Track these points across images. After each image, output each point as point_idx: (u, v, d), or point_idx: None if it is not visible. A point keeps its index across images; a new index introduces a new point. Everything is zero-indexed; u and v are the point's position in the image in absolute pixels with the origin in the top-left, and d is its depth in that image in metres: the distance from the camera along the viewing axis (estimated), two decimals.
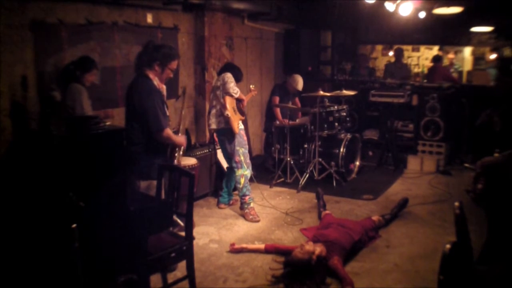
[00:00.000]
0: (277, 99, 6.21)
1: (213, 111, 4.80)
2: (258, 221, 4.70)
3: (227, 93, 4.68)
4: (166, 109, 3.54)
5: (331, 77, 8.54)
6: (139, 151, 3.40)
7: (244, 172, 4.80)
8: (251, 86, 5.30)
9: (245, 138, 4.89)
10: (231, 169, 4.98)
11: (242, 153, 4.79)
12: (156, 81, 3.47)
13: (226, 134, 4.77)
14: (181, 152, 3.83)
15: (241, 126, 4.86)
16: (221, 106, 4.69)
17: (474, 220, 2.87)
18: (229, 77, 4.71)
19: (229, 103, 4.69)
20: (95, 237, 2.48)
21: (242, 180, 4.79)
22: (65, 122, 2.70)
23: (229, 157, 4.90)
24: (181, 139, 3.68)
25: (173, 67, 3.53)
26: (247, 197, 4.81)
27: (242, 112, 4.93)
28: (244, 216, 4.77)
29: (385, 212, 4.69)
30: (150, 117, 3.34)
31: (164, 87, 3.59)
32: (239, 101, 4.86)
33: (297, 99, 6.54)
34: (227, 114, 4.64)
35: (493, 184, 3.09)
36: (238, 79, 4.84)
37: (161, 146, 3.51)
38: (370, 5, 6.52)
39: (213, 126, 4.82)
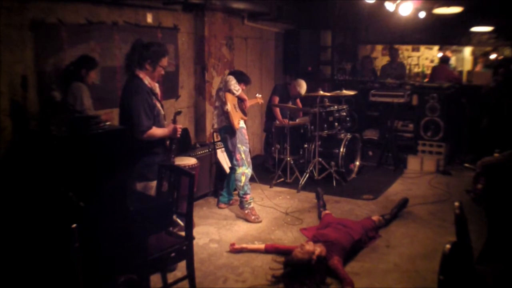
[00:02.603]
0: (276, 99, 6.21)
1: (216, 111, 4.87)
2: (260, 221, 4.70)
3: (229, 90, 4.73)
4: (160, 107, 3.52)
5: (331, 77, 8.54)
6: (134, 153, 3.37)
7: (245, 170, 4.80)
8: (258, 95, 5.38)
9: (247, 137, 4.90)
10: (233, 169, 4.99)
11: (243, 150, 4.80)
12: (147, 80, 3.45)
13: (228, 131, 4.79)
14: (173, 146, 3.68)
15: (243, 125, 4.87)
16: (222, 103, 4.72)
17: (474, 220, 2.88)
18: (230, 78, 4.79)
19: (230, 100, 4.72)
20: (95, 237, 2.48)
21: (243, 179, 4.78)
22: (65, 122, 2.69)
23: (231, 155, 4.90)
24: (160, 131, 3.50)
25: (164, 64, 3.51)
26: (248, 196, 4.80)
27: (244, 112, 4.94)
28: (245, 217, 4.75)
29: (385, 212, 4.69)
30: (134, 118, 3.33)
31: (157, 85, 3.57)
32: (241, 101, 4.87)
33: (298, 101, 6.54)
34: (227, 109, 4.67)
35: (493, 184, 3.09)
36: (246, 82, 4.97)
37: (155, 147, 3.50)
38: (370, 5, 6.53)
39: (216, 126, 4.87)
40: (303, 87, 6.22)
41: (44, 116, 3.93)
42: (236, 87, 4.74)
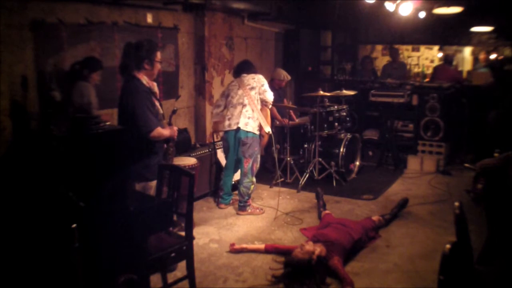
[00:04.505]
0: None
1: (242, 109, 4.69)
2: (264, 212, 4.87)
3: (267, 103, 4.72)
4: (159, 106, 3.53)
5: (331, 77, 8.54)
6: (132, 153, 3.38)
7: (254, 179, 4.89)
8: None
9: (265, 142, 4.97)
10: (230, 171, 5.02)
11: (258, 160, 4.86)
12: (145, 80, 3.45)
13: (249, 139, 4.72)
14: (171, 148, 3.71)
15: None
16: (258, 113, 4.69)
17: (474, 220, 2.88)
18: (266, 81, 4.76)
19: (269, 115, 4.79)
20: (95, 237, 2.48)
21: (252, 187, 4.87)
22: (65, 122, 2.70)
23: (237, 157, 4.88)
24: (167, 131, 3.55)
25: (158, 58, 3.53)
26: (250, 200, 4.92)
27: None
28: (251, 214, 4.84)
29: (385, 212, 4.69)
30: (140, 118, 3.33)
31: (155, 84, 3.58)
32: None
33: (285, 100, 6.53)
34: (269, 132, 4.71)
35: (492, 185, 3.10)
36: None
37: (154, 147, 3.50)
38: (370, 5, 6.52)
39: (240, 125, 4.67)
40: (281, 73, 6.19)
41: (44, 116, 3.94)
42: (272, 98, 4.74)
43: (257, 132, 4.74)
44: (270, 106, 4.80)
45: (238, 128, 4.69)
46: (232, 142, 4.82)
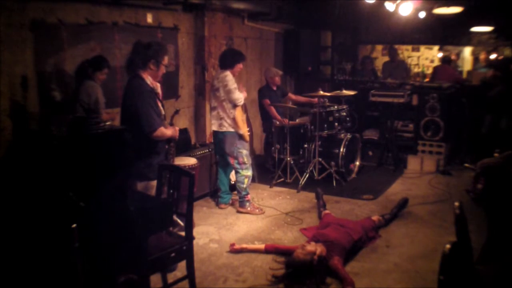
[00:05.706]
0: (267, 101, 6.12)
1: (214, 112, 4.82)
2: (264, 212, 4.87)
3: (234, 103, 4.67)
4: (161, 107, 3.54)
5: (331, 77, 8.54)
6: (135, 152, 3.38)
7: (248, 173, 4.87)
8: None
9: (247, 139, 4.94)
10: (224, 170, 5.06)
11: (245, 154, 4.84)
12: (149, 80, 3.46)
13: (227, 137, 4.78)
14: (172, 148, 3.73)
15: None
16: (227, 115, 4.71)
17: (474, 220, 2.88)
18: (229, 80, 4.67)
19: (240, 115, 4.75)
20: (95, 237, 2.48)
21: (246, 181, 4.88)
22: (65, 122, 2.70)
23: (223, 156, 4.93)
24: (169, 131, 3.57)
25: (165, 63, 3.55)
26: (249, 196, 4.92)
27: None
28: (250, 213, 4.86)
29: (385, 212, 4.69)
30: (143, 117, 3.34)
31: (159, 85, 3.59)
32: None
33: (290, 94, 6.52)
34: (243, 134, 4.74)
35: (492, 185, 3.10)
36: (240, 60, 4.84)
37: (157, 146, 3.51)
38: (370, 5, 6.53)
39: (214, 128, 4.85)
40: (270, 70, 6.25)
41: (44, 116, 3.94)
42: (239, 98, 4.66)
43: (233, 130, 4.76)
44: (239, 104, 4.75)
45: (215, 131, 4.86)
46: (215, 142, 5.01)
